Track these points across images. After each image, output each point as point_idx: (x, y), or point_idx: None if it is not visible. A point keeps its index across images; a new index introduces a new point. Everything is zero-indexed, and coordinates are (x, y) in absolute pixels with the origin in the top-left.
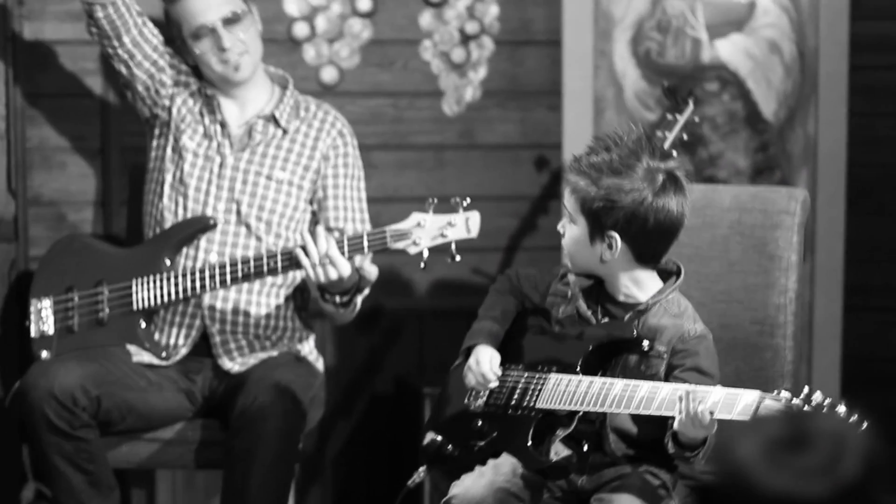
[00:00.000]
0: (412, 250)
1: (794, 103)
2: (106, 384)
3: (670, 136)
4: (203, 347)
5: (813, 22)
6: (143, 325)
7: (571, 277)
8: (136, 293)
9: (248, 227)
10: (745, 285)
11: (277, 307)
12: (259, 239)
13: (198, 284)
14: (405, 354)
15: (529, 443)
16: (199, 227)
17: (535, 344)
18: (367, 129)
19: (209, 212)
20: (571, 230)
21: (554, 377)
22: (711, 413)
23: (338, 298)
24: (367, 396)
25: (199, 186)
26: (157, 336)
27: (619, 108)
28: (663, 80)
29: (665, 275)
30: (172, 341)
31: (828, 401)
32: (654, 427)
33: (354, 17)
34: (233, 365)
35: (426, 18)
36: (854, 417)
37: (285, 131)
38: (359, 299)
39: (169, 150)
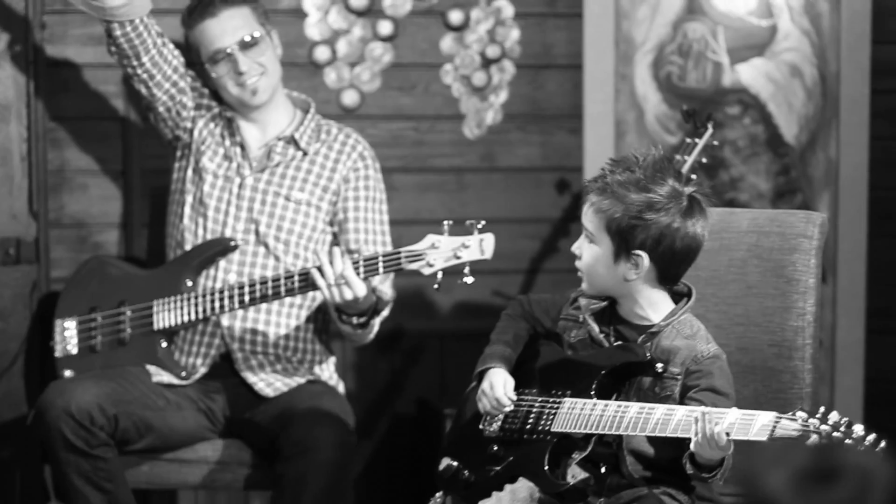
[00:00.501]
0: (426, 271)
1: (816, 127)
2: (123, 403)
3: (689, 160)
4: (223, 367)
5: (834, 46)
6: (164, 345)
7: (582, 301)
8: (157, 314)
9: (266, 246)
10: (762, 308)
11: (297, 328)
12: (277, 259)
13: (217, 305)
14: (426, 376)
15: (546, 466)
16: (219, 248)
17: (549, 368)
18: (388, 152)
19: (228, 232)
20: (592, 250)
21: (569, 401)
22: (728, 434)
23: (355, 320)
24: (389, 417)
25: (218, 207)
26: (177, 356)
27: (640, 132)
28: (683, 103)
29: (676, 296)
30: (192, 360)
31: (844, 420)
32: (671, 448)
33: (375, 40)
34: (257, 381)
35: (447, 42)
36: (882, 452)
37: (305, 153)
38: (376, 321)
39: (190, 172)
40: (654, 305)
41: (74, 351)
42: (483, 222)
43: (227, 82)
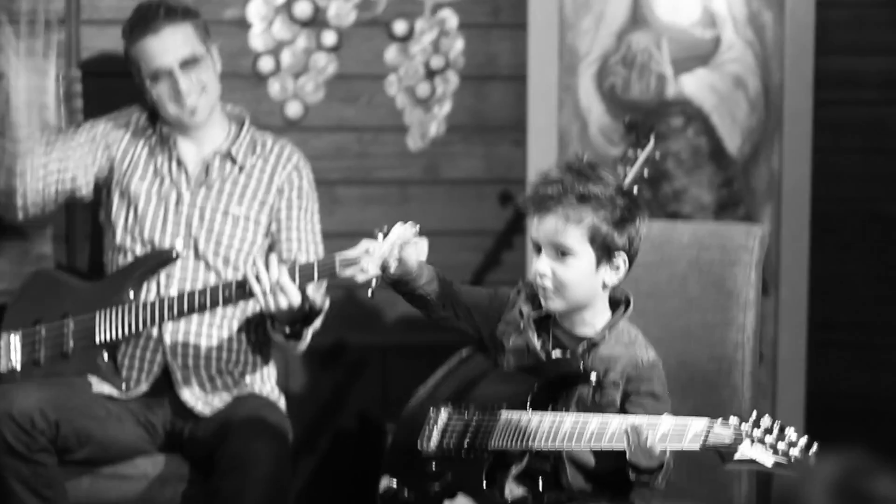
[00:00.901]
0: (360, 277)
1: (759, 138)
2: (65, 410)
3: (632, 172)
4: (164, 382)
5: (778, 57)
6: (106, 358)
7: (524, 308)
8: (99, 325)
9: (206, 263)
10: (703, 322)
11: (237, 341)
12: (218, 274)
13: (156, 315)
14: (369, 390)
15: (484, 483)
16: (160, 259)
17: (486, 383)
18: (332, 163)
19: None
20: (571, 266)
21: (504, 414)
22: (663, 443)
23: (287, 329)
24: (331, 432)
25: (154, 225)
26: (120, 370)
27: (583, 143)
28: (627, 115)
29: (613, 304)
30: (134, 375)
31: (777, 424)
32: (611, 459)
33: (320, 51)
34: (195, 401)
35: (391, 53)
36: (814, 457)
37: (241, 167)
38: (309, 331)
39: (116, 198)
40: (599, 313)
41: (18, 367)
42: (417, 226)
43: (166, 101)
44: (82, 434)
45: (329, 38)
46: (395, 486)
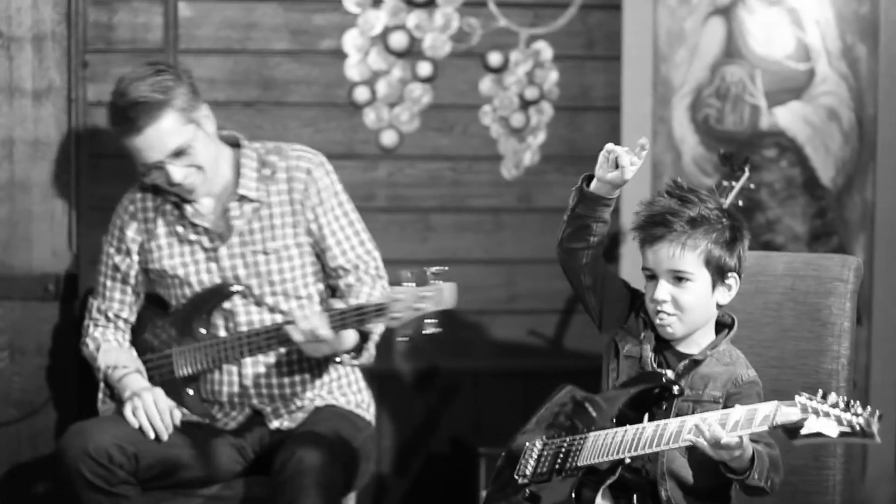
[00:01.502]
0: (393, 324)
1: (852, 170)
2: (145, 442)
3: (726, 202)
4: (254, 417)
5: (871, 90)
6: (191, 392)
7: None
8: (176, 362)
9: (267, 306)
10: (797, 351)
11: (318, 364)
12: (282, 312)
13: (227, 355)
14: (461, 414)
15: (573, 496)
16: (221, 294)
17: (573, 412)
18: (427, 191)
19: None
20: (690, 290)
21: (592, 435)
22: (735, 430)
23: (346, 357)
24: (423, 456)
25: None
26: (210, 408)
27: (677, 173)
28: (721, 146)
29: (718, 325)
30: (225, 410)
31: (843, 399)
32: (711, 475)
33: (415, 81)
34: (280, 423)
35: (486, 84)
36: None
37: (259, 202)
38: (370, 345)
39: (158, 278)
40: (706, 334)
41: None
42: (441, 269)
43: (163, 185)
44: (168, 463)
45: (424, 68)
46: None
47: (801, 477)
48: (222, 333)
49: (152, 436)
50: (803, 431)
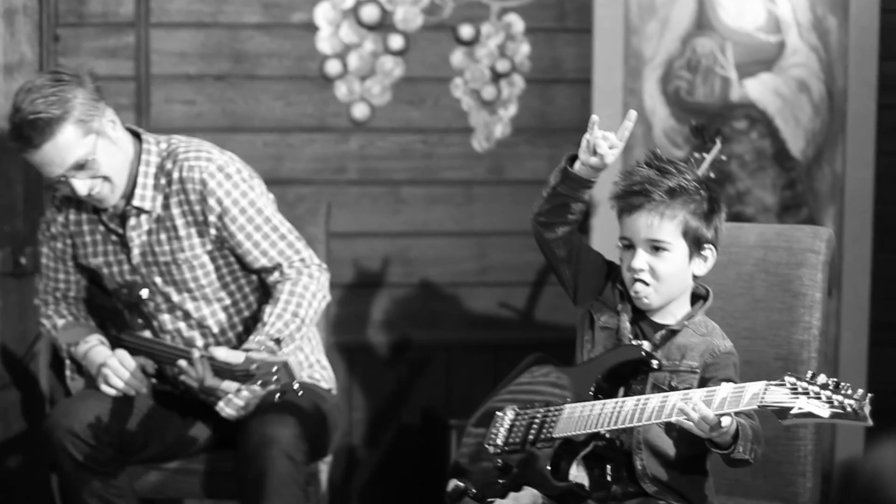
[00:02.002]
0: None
1: (822, 141)
2: (127, 416)
3: (698, 174)
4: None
5: (842, 62)
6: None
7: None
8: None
9: (185, 313)
10: (769, 322)
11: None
12: (203, 316)
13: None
14: (432, 386)
15: (549, 468)
16: (133, 301)
17: (552, 383)
18: (398, 164)
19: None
20: (667, 260)
21: (569, 407)
22: (721, 408)
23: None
24: (394, 428)
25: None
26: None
27: (647, 146)
28: (692, 118)
29: (693, 297)
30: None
31: (832, 380)
32: (688, 445)
33: (386, 54)
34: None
35: (457, 57)
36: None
37: (154, 210)
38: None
39: (87, 272)
40: (682, 305)
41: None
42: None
43: (75, 194)
44: (147, 435)
45: (396, 41)
46: (462, 486)
47: (772, 447)
48: (147, 334)
49: (132, 393)
50: (793, 411)
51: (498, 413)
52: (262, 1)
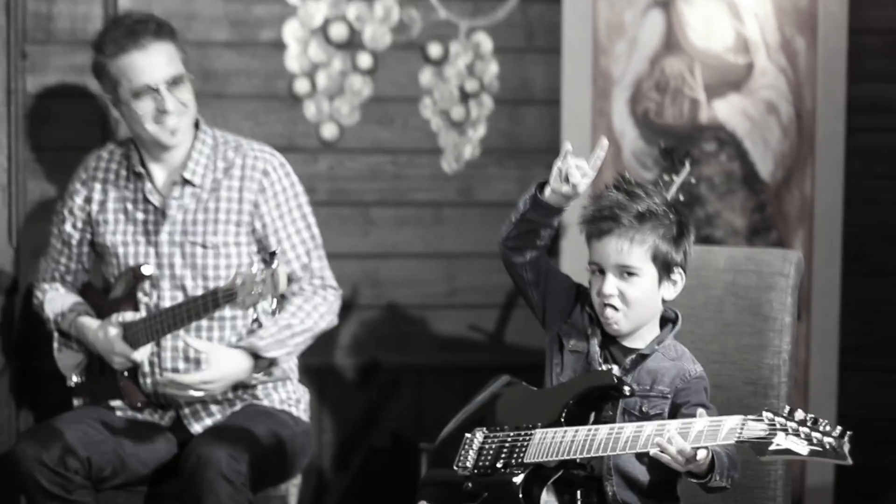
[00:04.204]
0: (237, 308)
1: (791, 164)
2: (95, 444)
3: (667, 197)
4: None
5: (810, 84)
6: (126, 374)
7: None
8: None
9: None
10: (738, 346)
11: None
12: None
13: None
14: (402, 409)
15: (520, 495)
16: (136, 276)
17: (517, 405)
18: (367, 185)
19: (156, 294)
20: (637, 285)
21: (539, 432)
22: (698, 441)
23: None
24: (364, 451)
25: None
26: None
27: (616, 168)
28: (661, 139)
29: (662, 321)
30: (156, 417)
31: (810, 416)
32: (658, 471)
33: (355, 73)
34: (203, 426)
35: (426, 76)
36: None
37: (202, 188)
38: (279, 363)
39: (99, 250)
40: (651, 329)
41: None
42: (274, 252)
43: (147, 119)
44: (116, 463)
45: (364, 60)
46: None
47: (743, 472)
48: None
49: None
50: (771, 448)
51: (467, 435)
52: (231, 18)
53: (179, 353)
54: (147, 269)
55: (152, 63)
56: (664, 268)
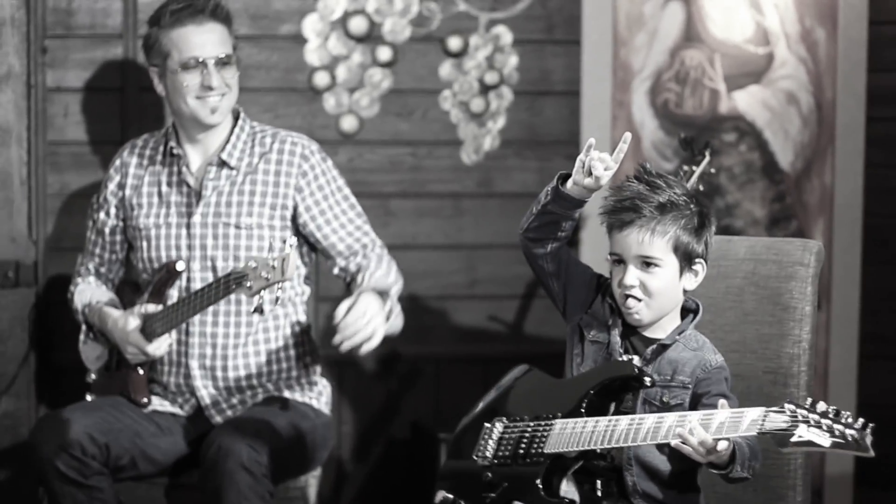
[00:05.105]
0: (245, 294)
1: (811, 154)
2: (114, 431)
3: (687, 188)
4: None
5: (830, 74)
6: (141, 372)
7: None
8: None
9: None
10: (759, 335)
11: (265, 358)
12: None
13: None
14: (422, 400)
15: (540, 485)
16: (165, 273)
17: (537, 394)
18: (386, 177)
19: (185, 276)
20: (658, 276)
21: (560, 422)
22: (720, 432)
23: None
24: (384, 441)
25: (169, 254)
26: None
27: (636, 159)
28: (681, 130)
29: (683, 311)
30: (176, 406)
31: (832, 409)
32: (677, 460)
33: (375, 66)
34: (224, 417)
35: (446, 69)
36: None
37: (237, 170)
38: (390, 305)
39: (131, 233)
40: (672, 319)
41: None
42: (289, 241)
43: (190, 93)
44: (134, 451)
45: (384, 53)
46: (451, 498)
47: (762, 461)
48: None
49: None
50: (793, 440)
51: (486, 425)
52: (250, 12)
53: (207, 340)
54: (181, 266)
55: (205, 39)
56: (685, 258)
